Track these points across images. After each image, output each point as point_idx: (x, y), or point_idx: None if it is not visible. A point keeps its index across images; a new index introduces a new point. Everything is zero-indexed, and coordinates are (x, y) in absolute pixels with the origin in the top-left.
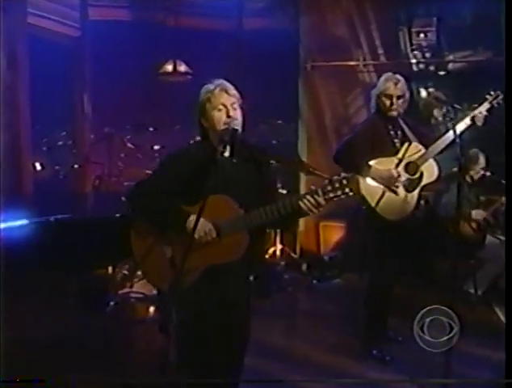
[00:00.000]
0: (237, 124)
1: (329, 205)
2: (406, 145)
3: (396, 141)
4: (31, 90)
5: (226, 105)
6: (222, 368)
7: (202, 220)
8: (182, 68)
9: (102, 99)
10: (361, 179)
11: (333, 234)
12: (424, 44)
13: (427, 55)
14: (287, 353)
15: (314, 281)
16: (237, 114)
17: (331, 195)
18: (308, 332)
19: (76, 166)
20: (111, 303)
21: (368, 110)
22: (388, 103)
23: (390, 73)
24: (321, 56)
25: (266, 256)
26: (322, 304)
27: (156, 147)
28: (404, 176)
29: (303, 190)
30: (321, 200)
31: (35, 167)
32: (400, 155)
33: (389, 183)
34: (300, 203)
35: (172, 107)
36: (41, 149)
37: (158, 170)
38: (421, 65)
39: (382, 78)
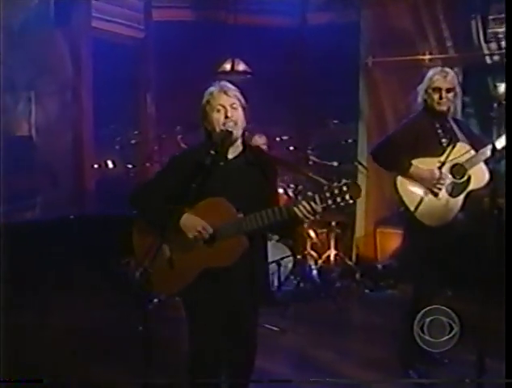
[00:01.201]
0: (234, 125)
1: (385, 211)
2: (453, 145)
3: (443, 140)
4: (94, 91)
5: (225, 106)
6: (231, 370)
7: (195, 217)
8: (241, 67)
9: (164, 99)
10: (399, 180)
11: (390, 241)
12: (501, 33)
13: (504, 45)
14: (317, 363)
15: (366, 291)
16: (237, 115)
17: (329, 202)
18: (345, 343)
19: (148, 164)
20: (155, 300)
21: None
22: (436, 96)
23: (439, 67)
24: (383, 50)
25: (320, 261)
26: (370, 315)
27: None
28: (448, 179)
29: None
30: (317, 207)
31: (107, 165)
32: (446, 156)
33: (430, 184)
34: (295, 209)
35: None
36: (114, 147)
37: (161, 170)
38: (496, 57)
39: (430, 72)
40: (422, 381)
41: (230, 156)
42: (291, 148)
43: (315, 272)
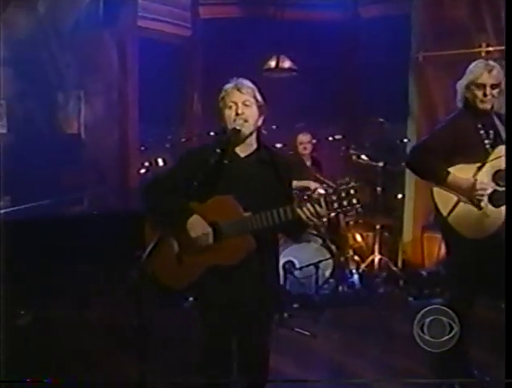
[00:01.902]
0: (244, 123)
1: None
2: (497, 147)
3: (486, 141)
4: (140, 90)
5: (237, 103)
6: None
7: (202, 221)
8: (286, 64)
9: (211, 98)
10: (436, 191)
11: (437, 247)
12: None
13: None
14: (346, 371)
15: (410, 298)
16: (249, 113)
17: (335, 205)
18: (379, 352)
19: None
20: (190, 299)
21: None
22: (480, 93)
23: (482, 60)
24: (436, 44)
25: (363, 266)
26: (411, 324)
27: None
28: (490, 187)
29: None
30: (321, 210)
31: (157, 163)
32: (488, 160)
33: (470, 195)
34: (299, 211)
35: (276, 105)
36: (164, 146)
37: (174, 165)
38: None
39: (471, 66)
40: (422, 381)
41: (242, 154)
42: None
43: (356, 276)
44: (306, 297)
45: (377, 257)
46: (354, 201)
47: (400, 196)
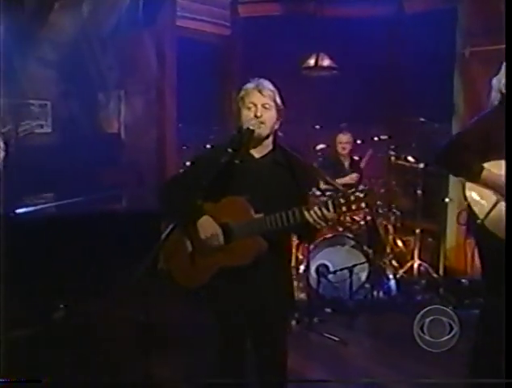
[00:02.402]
0: (260, 125)
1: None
2: None
3: None
4: (179, 90)
5: (256, 104)
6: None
7: (212, 222)
8: (326, 62)
9: None
10: (468, 187)
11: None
12: None
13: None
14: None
15: (449, 308)
16: (267, 115)
17: (344, 208)
18: (410, 362)
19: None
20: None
21: None
22: None
23: None
24: (483, 38)
25: (401, 271)
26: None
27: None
28: None
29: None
30: (328, 213)
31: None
32: None
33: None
34: (306, 214)
35: (315, 104)
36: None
37: (190, 165)
38: None
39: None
40: (423, 381)
41: (257, 155)
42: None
43: (393, 282)
44: (339, 301)
45: (417, 263)
46: (363, 205)
47: (445, 199)
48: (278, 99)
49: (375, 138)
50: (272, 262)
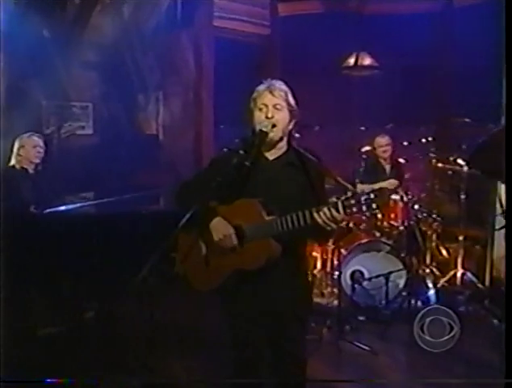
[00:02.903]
0: (272, 127)
1: None
2: None
3: None
4: (216, 91)
5: (267, 105)
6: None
7: (224, 223)
8: (366, 61)
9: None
10: (502, 188)
11: None
12: None
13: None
14: None
15: (495, 321)
16: (279, 116)
17: (354, 209)
18: (443, 377)
19: None
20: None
21: None
22: None
23: None
24: None
25: (442, 280)
26: (493, 349)
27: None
28: None
29: None
30: (337, 215)
31: None
32: None
33: None
34: (316, 215)
35: (358, 105)
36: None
37: (206, 166)
38: None
39: None
40: (423, 381)
41: (271, 157)
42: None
43: (433, 291)
44: (374, 309)
45: (460, 272)
46: (374, 206)
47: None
48: (290, 100)
49: (422, 140)
50: (287, 265)
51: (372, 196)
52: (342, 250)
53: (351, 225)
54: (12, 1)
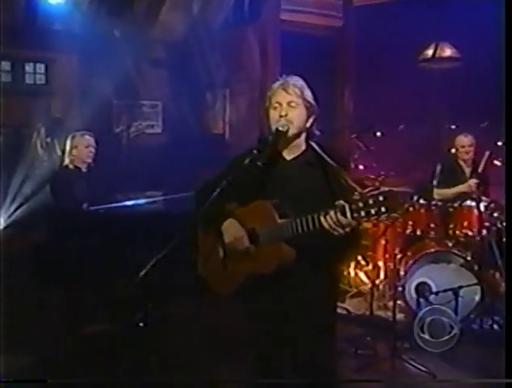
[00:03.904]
0: (287, 125)
1: None
2: None
3: None
4: None
5: (281, 103)
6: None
7: (237, 226)
8: (446, 52)
9: (365, 94)
10: None
11: None
12: None
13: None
14: None
15: None
16: (294, 114)
17: (362, 213)
18: None
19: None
20: None
21: None
22: None
23: None
24: None
25: None
26: None
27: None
28: None
29: None
30: (343, 219)
31: None
32: None
33: None
34: (322, 219)
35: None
36: None
37: (225, 167)
38: None
39: None
40: (424, 381)
41: (289, 157)
42: None
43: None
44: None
45: None
46: (383, 209)
47: None
48: (307, 96)
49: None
50: (303, 271)
51: (381, 198)
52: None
53: (419, 232)
54: (85, 2)
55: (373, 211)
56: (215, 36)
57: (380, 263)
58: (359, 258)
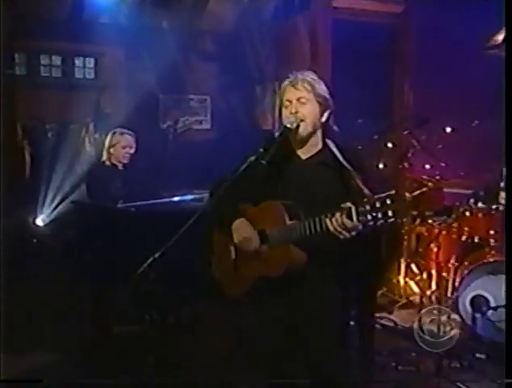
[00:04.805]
0: (299, 122)
1: None
2: None
3: None
4: (334, 81)
5: (291, 100)
6: None
7: (247, 225)
8: None
9: (425, 86)
10: None
11: None
12: None
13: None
14: None
15: None
16: (305, 110)
17: (369, 217)
18: None
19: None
20: (351, 323)
21: None
22: None
23: None
24: None
25: None
26: None
27: None
28: None
29: None
30: (348, 222)
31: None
32: None
33: None
34: (328, 221)
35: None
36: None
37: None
38: None
39: None
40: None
41: (304, 156)
42: None
43: None
44: (499, 347)
45: None
46: (390, 213)
47: None
48: (319, 90)
49: None
50: (314, 275)
51: (389, 201)
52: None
53: (476, 239)
54: None
55: (380, 214)
56: (265, 26)
57: (432, 272)
58: (412, 265)
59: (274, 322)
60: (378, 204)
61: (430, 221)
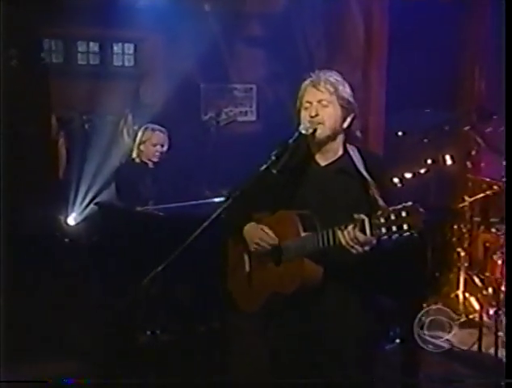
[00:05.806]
0: (318, 126)
1: None
2: None
3: None
4: (390, 68)
5: (311, 102)
6: None
7: (258, 228)
8: None
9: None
10: None
11: None
12: None
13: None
14: None
15: None
16: (325, 114)
17: (383, 230)
18: None
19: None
20: (397, 341)
21: None
22: None
23: None
24: None
25: None
26: None
27: None
28: None
29: None
30: (362, 236)
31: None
32: None
33: None
34: (340, 234)
35: None
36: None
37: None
38: None
39: None
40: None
41: (323, 162)
42: None
43: None
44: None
45: None
46: (405, 226)
47: None
48: (342, 93)
49: None
50: (332, 292)
51: (404, 214)
52: None
53: None
54: None
55: (394, 228)
56: (315, 9)
57: (495, 287)
58: (475, 278)
59: (284, 341)
60: (393, 217)
61: (493, 229)
